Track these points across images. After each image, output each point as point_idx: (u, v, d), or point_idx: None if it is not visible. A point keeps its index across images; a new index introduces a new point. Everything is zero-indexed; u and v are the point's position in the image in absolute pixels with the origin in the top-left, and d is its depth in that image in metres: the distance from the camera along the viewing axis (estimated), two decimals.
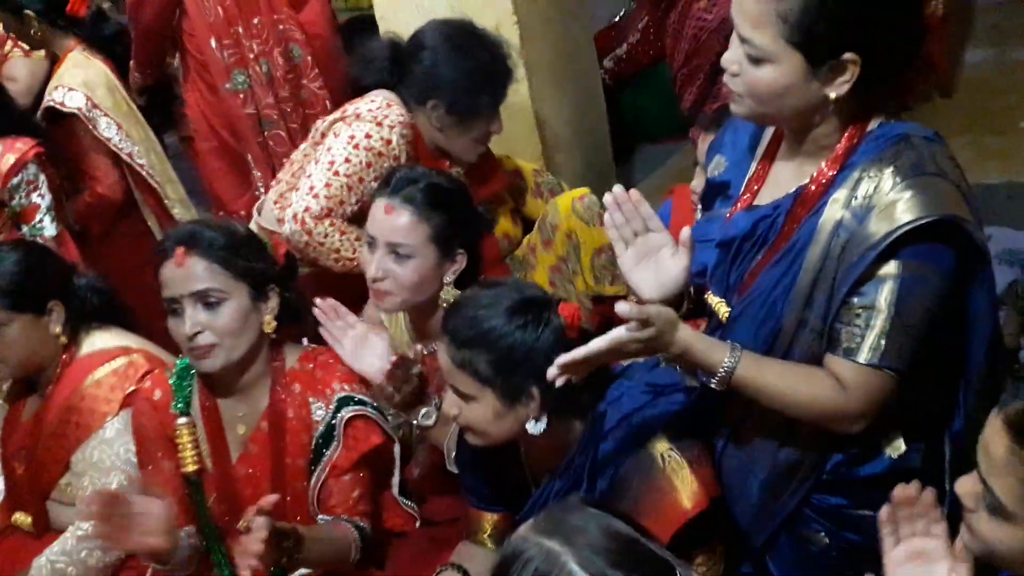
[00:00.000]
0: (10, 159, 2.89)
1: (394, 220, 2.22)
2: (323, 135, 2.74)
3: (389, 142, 2.63)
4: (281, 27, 3.32)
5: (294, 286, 2.29)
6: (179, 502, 2.19)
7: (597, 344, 1.65)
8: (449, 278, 2.25)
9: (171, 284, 2.11)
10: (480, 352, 1.79)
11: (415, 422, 2.17)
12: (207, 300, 2.09)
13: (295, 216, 2.62)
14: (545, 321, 1.79)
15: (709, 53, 3.38)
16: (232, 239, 2.15)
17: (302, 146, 2.88)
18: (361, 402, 2.16)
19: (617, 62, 4.26)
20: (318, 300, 2.21)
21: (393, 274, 2.23)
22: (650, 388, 1.86)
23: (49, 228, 2.99)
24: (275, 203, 2.82)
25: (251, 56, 3.31)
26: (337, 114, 2.73)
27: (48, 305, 2.36)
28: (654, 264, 1.75)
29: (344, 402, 2.16)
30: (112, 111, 3.18)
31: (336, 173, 2.62)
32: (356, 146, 2.62)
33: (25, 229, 2.96)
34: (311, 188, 2.64)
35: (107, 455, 2.31)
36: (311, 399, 2.17)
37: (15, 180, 2.91)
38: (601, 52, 4.20)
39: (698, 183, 2.33)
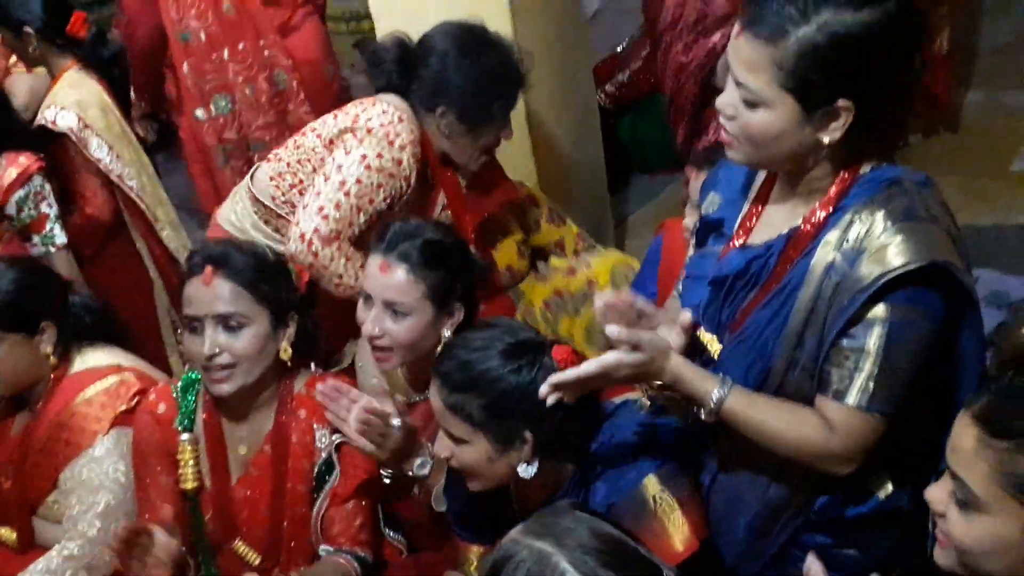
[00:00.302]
0: (12, 173, 2.90)
1: (389, 278, 2.18)
2: (331, 141, 2.68)
3: (400, 162, 2.60)
4: (267, 52, 3.34)
5: (312, 313, 2.29)
6: (174, 518, 2.20)
7: (588, 366, 1.67)
8: (447, 331, 2.21)
9: (195, 302, 2.11)
10: (473, 396, 1.79)
11: (410, 474, 2.14)
12: (229, 323, 2.09)
13: (302, 236, 2.57)
14: (538, 364, 1.79)
15: (689, 95, 3.42)
16: (261, 264, 2.16)
17: (309, 133, 2.77)
18: None
19: (619, 87, 4.31)
20: (319, 385, 2.13)
21: (390, 332, 2.20)
22: (641, 428, 1.87)
23: (60, 236, 3.01)
24: (271, 179, 2.76)
25: (239, 80, 3.32)
26: (348, 120, 2.67)
27: (40, 325, 2.35)
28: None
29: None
30: (104, 132, 3.17)
31: (347, 194, 2.58)
32: (368, 167, 2.58)
33: (36, 239, 2.97)
34: (320, 208, 2.59)
35: (96, 474, 2.30)
36: (316, 426, 2.17)
37: (21, 192, 2.92)
38: (603, 79, 4.26)
39: (690, 220, 2.35)
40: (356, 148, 2.60)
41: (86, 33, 3.23)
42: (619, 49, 4.41)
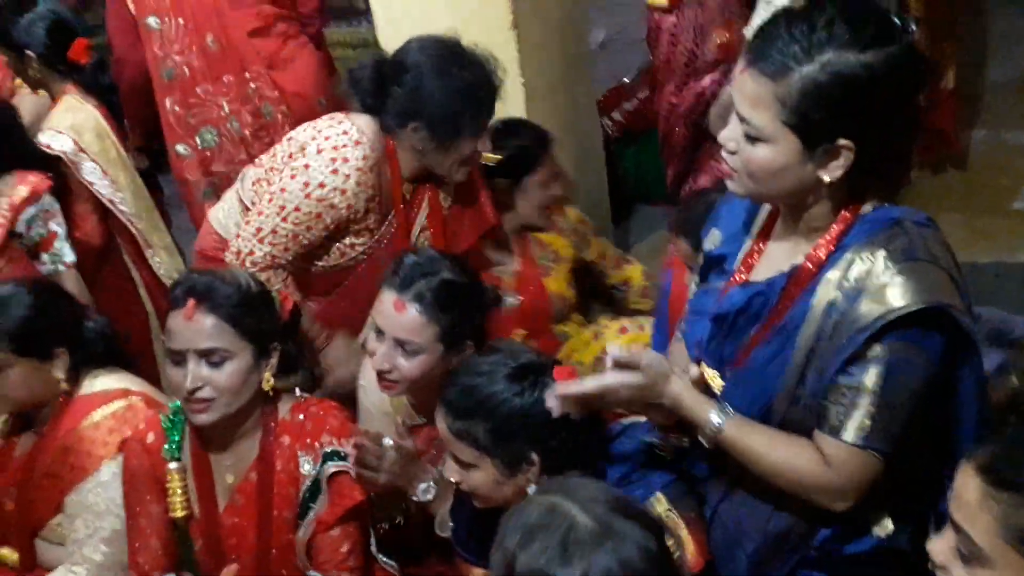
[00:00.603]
0: (23, 191, 2.90)
1: (402, 318, 2.18)
2: (291, 155, 2.66)
3: (344, 192, 2.56)
4: (252, 85, 3.32)
5: (295, 340, 2.30)
6: (164, 547, 2.20)
7: (590, 383, 1.71)
8: (455, 364, 2.21)
9: (178, 336, 2.10)
10: (478, 421, 1.81)
11: (414, 498, 2.15)
12: (211, 358, 2.08)
13: (238, 253, 2.59)
14: (542, 385, 1.81)
15: (679, 137, 3.44)
16: (244, 297, 2.14)
17: (286, 141, 2.75)
18: (347, 458, 2.14)
19: (625, 115, 4.31)
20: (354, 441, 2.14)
21: (399, 367, 2.21)
22: (649, 448, 1.87)
23: (68, 255, 3.00)
24: (253, 184, 2.78)
25: (223, 114, 3.32)
26: (309, 134, 2.64)
27: (54, 351, 2.35)
28: None
29: (330, 457, 2.15)
30: (99, 156, 3.18)
31: (284, 219, 2.59)
32: (308, 195, 2.56)
33: (45, 257, 2.97)
34: (259, 230, 2.60)
35: (101, 498, 2.30)
36: (299, 452, 2.16)
37: (31, 210, 2.92)
38: (610, 108, 4.27)
39: (689, 278, 2.35)
40: (301, 173, 2.58)
41: (88, 59, 3.25)
42: (626, 80, 4.42)
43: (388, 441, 2.10)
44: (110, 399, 2.37)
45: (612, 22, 5.79)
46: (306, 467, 2.16)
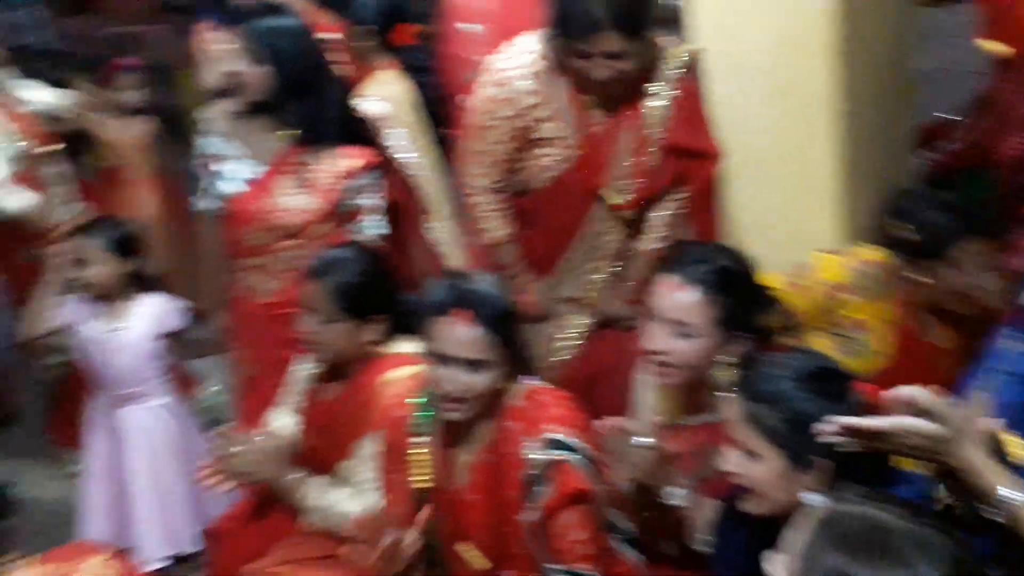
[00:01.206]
0: (355, 163, 3.06)
1: (681, 298, 2.22)
2: None
3: (508, 100, 2.71)
4: None
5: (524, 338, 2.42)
6: (407, 515, 2.32)
7: (878, 421, 1.61)
8: (728, 358, 2.22)
9: (444, 342, 2.22)
10: (771, 409, 1.78)
11: (661, 500, 2.16)
12: (473, 365, 2.20)
13: (462, 179, 2.86)
14: (840, 393, 1.76)
15: (1002, 184, 3.19)
16: (507, 311, 2.27)
17: None
18: (567, 447, 2.19)
19: (945, 154, 4.07)
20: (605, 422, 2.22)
21: (676, 350, 2.24)
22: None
23: (373, 228, 3.09)
24: None
25: None
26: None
27: (373, 316, 2.56)
28: None
29: (551, 444, 2.20)
30: (409, 126, 3.36)
31: (475, 139, 2.79)
32: (482, 111, 2.76)
33: (348, 227, 3.09)
34: (467, 155, 2.83)
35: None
36: (525, 437, 2.23)
37: (353, 183, 3.06)
38: (925, 144, 4.04)
39: None
40: (477, 92, 2.78)
41: (411, 41, 3.49)
42: (948, 116, 4.16)
43: (637, 440, 2.12)
44: (408, 362, 2.51)
45: (940, 52, 5.48)
46: (529, 452, 2.21)
